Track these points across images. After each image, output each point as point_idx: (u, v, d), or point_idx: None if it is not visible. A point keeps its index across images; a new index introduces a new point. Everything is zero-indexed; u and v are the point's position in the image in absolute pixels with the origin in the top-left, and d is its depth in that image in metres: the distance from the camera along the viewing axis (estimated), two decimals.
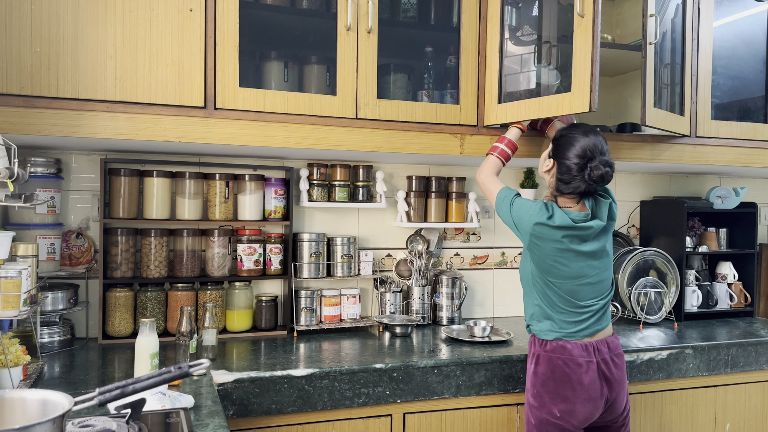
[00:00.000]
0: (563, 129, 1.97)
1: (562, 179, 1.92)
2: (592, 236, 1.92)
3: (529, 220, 1.92)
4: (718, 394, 2.51)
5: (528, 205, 1.95)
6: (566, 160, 1.89)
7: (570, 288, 1.93)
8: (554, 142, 1.96)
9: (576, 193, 1.91)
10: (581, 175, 1.87)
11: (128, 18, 1.94)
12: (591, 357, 1.91)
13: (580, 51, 2.03)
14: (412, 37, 2.52)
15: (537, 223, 1.90)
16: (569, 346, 1.91)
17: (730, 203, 3.04)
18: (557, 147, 1.94)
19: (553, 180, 1.96)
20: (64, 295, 2.21)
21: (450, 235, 2.91)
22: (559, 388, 1.90)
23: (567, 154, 1.89)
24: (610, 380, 1.93)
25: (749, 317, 3.07)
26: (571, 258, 1.91)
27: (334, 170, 2.63)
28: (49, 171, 2.26)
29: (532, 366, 1.98)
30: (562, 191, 1.93)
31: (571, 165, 1.88)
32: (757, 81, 2.88)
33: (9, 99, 1.84)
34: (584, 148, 1.87)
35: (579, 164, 1.87)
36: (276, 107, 2.12)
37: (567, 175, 1.90)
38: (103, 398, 1.23)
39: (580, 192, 1.90)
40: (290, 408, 1.95)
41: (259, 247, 2.50)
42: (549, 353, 1.93)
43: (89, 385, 1.78)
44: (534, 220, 1.90)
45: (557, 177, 1.93)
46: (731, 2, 2.80)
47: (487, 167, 2.16)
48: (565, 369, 1.90)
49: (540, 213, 1.90)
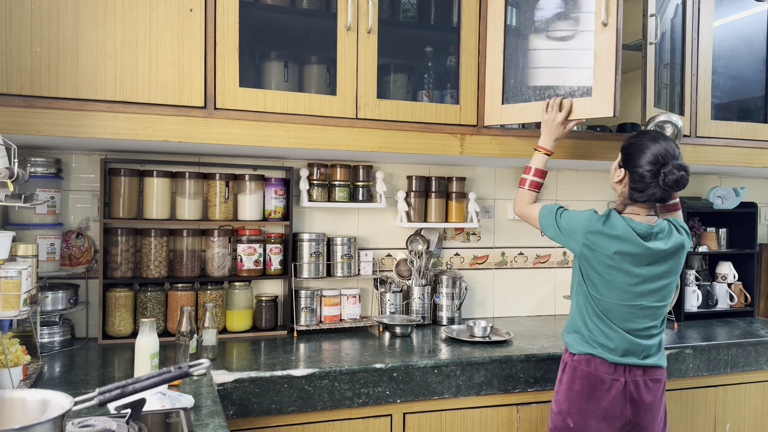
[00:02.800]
0: (631, 137, 1.92)
1: (635, 188, 1.85)
2: (652, 256, 1.84)
3: (581, 228, 1.86)
4: (718, 394, 2.51)
5: (577, 214, 1.90)
6: (638, 168, 1.83)
7: (612, 307, 1.85)
8: (623, 151, 1.91)
9: (651, 201, 1.86)
10: (655, 181, 1.82)
11: (128, 18, 1.94)
12: (619, 376, 1.85)
13: (603, 59, 2.07)
14: (412, 37, 2.52)
15: (590, 231, 1.84)
16: (597, 360, 1.85)
17: (730, 203, 3.04)
18: (627, 156, 1.88)
19: (626, 189, 1.89)
20: (64, 295, 2.21)
21: (450, 235, 2.91)
22: (578, 399, 1.86)
23: (638, 161, 1.84)
24: (637, 403, 1.86)
25: (749, 317, 3.07)
26: (621, 273, 1.83)
27: (334, 170, 2.63)
28: (49, 171, 2.26)
29: (560, 372, 1.96)
30: (637, 199, 1.86)
31: (644, 172, 1.82)
32: (757, 81, 2.88)
33: (9, 99, 1.84)
34: (656, 155, 1.81)
35: (652, 171, 1.81)
36: (276, 107, 2.12)
37: (641, 183, 1.84)
38: (103, 398, 1.23)
39: (656, 199, 1.85)
40: (290, 408, 1.95)
41: (259, 247, 2.49)
42: (575, 363, 1.89)
43: (89, 385, 1.78)
44: (586, 228, 1.85)
45: (630, 186, 1.87)
46: (731, 2, 2.80)
47: (521, 201, 2.11)
48: (586, 382, 1.86)
49: (592, 220, 1.85)
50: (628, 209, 1.90)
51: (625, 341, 1.85)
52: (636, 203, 1.88)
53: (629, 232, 1.82)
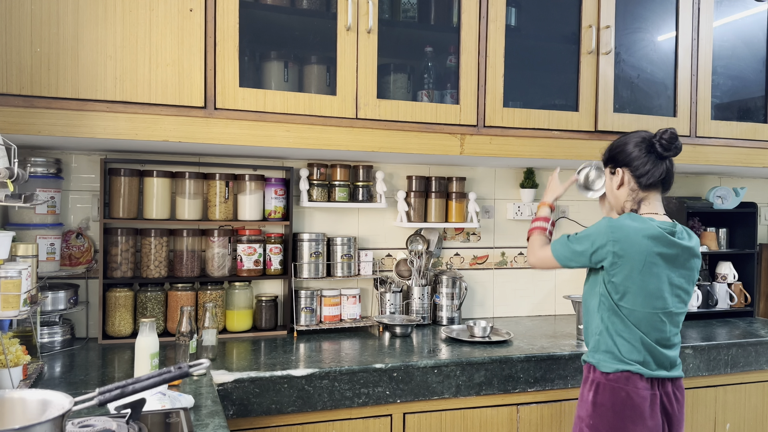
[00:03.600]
0: (608, 150, 1.89)
1: (637, 174, 1.80)
2: (685, 255, 1.78)
3: (603, 238, 1.75)
4: (718, 394, 2.51)
5: (592, 228, 1.79)
6: (631, 155, 1.81)
7: (643, 316, 1.75)
8: (610, 156, 1.87)
9: (659, 181, 1.81)
10: (653, 154, 1.79)
11: (128, 18, 1.94)
12: (655, 391, 1.76)
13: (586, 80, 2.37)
14: (412, 37, 2.52)
15: (615, 237, 1.73)
16: (636, 377, 1.74)
17: (730, 203, 3.04)
18: (615, 156, 1.85)
19: (630, 187, 1.83)
20: (64, 295, 2.21)
21: (450, 235, 2.91)
22: (621, 421, 1.73)
23: (628, 150, 1.82)
24: (671, 416, 1.78)
25: (749, 317, 3.07)
26: (654, 277, 1.74)
27: (334, 170, 2.63)
28: (49, 171, 2.26)
29: (590, 395, 1.79)
30: (644, 184, 1.80)
31: (638, 155, 1.80)
32: (757, 81, 2.89)
33: (9, 99, 1.84)
34: (640, 136, 1.82)
35: (646, 147, 1.80)
36: (276, 107, 2.12)
37: (641, 167, 1.79)
38: (103, 398, 1.23)
39: (663, 178, 1.81)
40: (290, 408, 1.95)
41: (259, 247, 2.49)
42: (612, 382, 1.75)
43: (89, 385, 1.78)
44: (610, 235, 1.74)
45: (635, 178, 1.81)
46: (731, 2, 2.80)
47: (531, 248, 1.98)
48: (629, 401, 1.73)
49: (613, 224, 1.75)
50: (643, 209, 1.84)
51: (656, 353, 1.77)
52: (649, 192, 1.82)
53: (658, 230, 1.74)
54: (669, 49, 2.69)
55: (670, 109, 2.69)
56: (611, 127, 2.56)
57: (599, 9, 2.51)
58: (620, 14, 2.57)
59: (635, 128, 2.59)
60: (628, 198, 1.85)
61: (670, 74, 2.69)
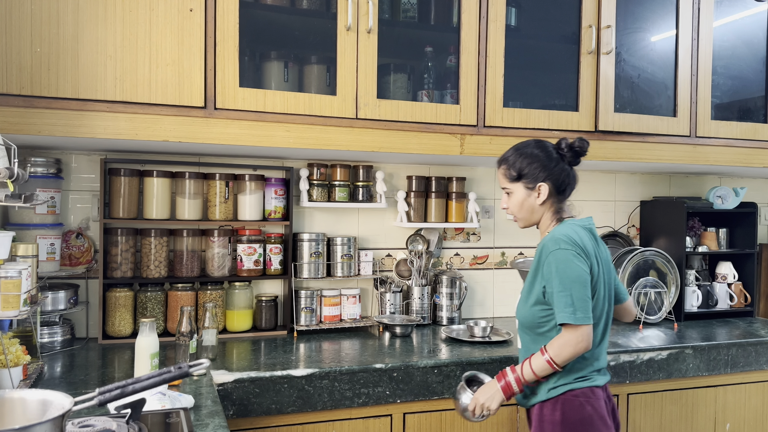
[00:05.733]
0: (520, 158, 1.78)
1: (558, 185, 1.76)
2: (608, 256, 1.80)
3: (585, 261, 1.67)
4: (718, 394, 2.51)
5: (570, 267, 1.65)
6: (549, 167, 1.76)
7: (598, 325, 1.73)
8: (521, 175, 1.77)
9: (574, 185, 1.80)
10: (563, 163, 1.77)
11: (128, 18, 1.94)
12: (608, 398, 1.76)
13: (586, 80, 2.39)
14: (412, 37, 2.52)
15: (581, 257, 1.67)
16: (598, 390, 1.72)
17: (730, 203, 3.04)
18: (529, 173, 1.76)
19: (550, 199, 1.78)
20: (64, 295, 2.21)
21: (450, 235, 2.91)
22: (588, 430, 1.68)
23: (545, 163, 1.75)
24: (617, 420, 1.79)
25: (749, 317, 3.07)
26: (602, 283, 1.73)
27: (334, 170, 2.63)
28: (49, 171, 2.26)
29: (547, 414, 1.71)
30: (567, 194, 1.80)
31: (555, 166, 1.76)
32: (757, 81, 2.89)
33: (9, 99, 1.84)
34: (545, 146, 1.79)
35: (557, 157, 1.77)
36: (276, 107, 2.12)
37: (561, 178, 1.76)
38: (103, 398, 1.23)
39: (574, 178, 1.79)
40: (290, 408, 1.95)
41: (259, 247, 2.49)
42: (574, 397, 1.69)
43: (89, 385, 1.78)
44: (586, 259, 1.68)
45: (555, 189, 1.76)
46: (731, 2, 2.80)
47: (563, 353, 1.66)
48: (595, 413, 1.69)
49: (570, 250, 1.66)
50: (564, 215, 1.80)
51: (604, 359, 1.77)
52: (565, 199, 1.80)
53: (593, 231, 1.76)
54: (669, 48, 2.69)
55: (671, 109, 2.69)
56: (612, 127, 2.56)
57: (599, 9, 2.51)
58: (621, 14, 2.57)
59: (636, 128, 2.60)
60: (548, 210, 1.79)
61: (670, 74, 2.69)
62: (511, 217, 1.86)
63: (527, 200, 1.79)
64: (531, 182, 1.77)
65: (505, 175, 1.82)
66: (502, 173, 1.83)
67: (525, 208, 1.80)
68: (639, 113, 2.62)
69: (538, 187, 1.77)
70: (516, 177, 1.79)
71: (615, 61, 2.56)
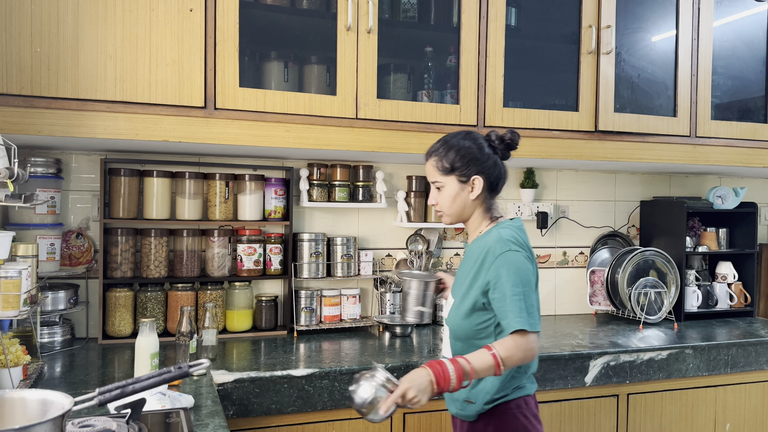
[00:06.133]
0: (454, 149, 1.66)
1: (491, 180, 1.67)
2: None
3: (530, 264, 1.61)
4: (718, 394, 2.51)
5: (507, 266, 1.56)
6: (483, 160, 1.65)
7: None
8: (454, 167, 1.65)
9: (505, 180, 1.71)
10: (497, 156, 1.67)
11: (128, 18, 1.94)
12: (535, 404, 1.69)
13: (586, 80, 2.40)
14: (412, 37, 2.52)
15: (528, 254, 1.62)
16: (532, 397, 1.66)
17: (730, 203, 3.04)
18: (462, 166, 1.64)
19: (483, 194, 1.67)
20: (64, 295, 2.21)
21: (450, 235, 2.91)
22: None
23: (481, 155, 1.65)
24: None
25: (749, 317, 3.07)
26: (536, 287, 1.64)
27: (334, 170, 2.63)
28: (49, 171, 2.26)
29: (480, 428, 1.63)
30: (499, 188, 1.70)
31: (489, 159, 1.66)
32: (757, 81, 2.89)
33: (9, 99, 1.84)
34: (477, 138, 1.67)
35: (489, 149, 1.66)
36: (276, 107, 2.12)
37: (495, 171, 1.66)
38: (103, 398, 1.23)
39: (506, 173, 1.70)
40: (290, 408, 1.95)
41: (259, 247, 2.49)
42: (512, 409, 1.62)
43: (89, 385, 1.78)
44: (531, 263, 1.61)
45: (488, 183, 1.66)
46: (731, 2, 2.80)
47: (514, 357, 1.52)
48: (536, 421, 1.65)
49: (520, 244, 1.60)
50: (493, 213, 1.71)
51: (536, 365, 1.70)
52: (494, 201, 1.71)
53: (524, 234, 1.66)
54: (669, 49, 2.69)
55: (671, 109, 2.69)
56: (612, 127, 2.55)
57: (599, 9, 2.51)
58: (621, 14, 2.57)
59: (636, 128, 2.60)
60: (479, 207, 1.69)
61: (670, 74, 2.69)
62: (439, 214, 1.73)
63: (460, 194, 1.67)
64: (464, 175, 1.65)
65: (436, 168, 1.67)
66: (433, 165, 1.68)
67: (457, 203, 1.68)
68: (639, 113, 2.62)
69: (472, 180, 1.65)
70: (449, 169, 1.66)
71: (615, 61, 2.56)
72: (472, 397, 1.63)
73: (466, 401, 1.64)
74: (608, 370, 2.31)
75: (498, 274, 1.55)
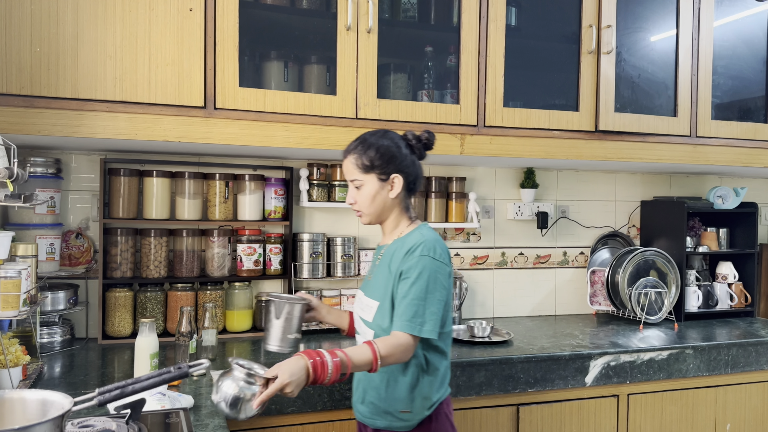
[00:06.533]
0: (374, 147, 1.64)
1: (410, 179, 1.66)
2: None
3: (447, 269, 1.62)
4: (719, 395, 2.51)
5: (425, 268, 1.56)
6: (403, 159, 1.65)
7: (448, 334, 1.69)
8: (374, 165, 1.63)
9: (422, 181, 1.72)
10: (414, 156, 1.68)
11: (128, 18, 1.94)
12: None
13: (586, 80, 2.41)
14: (412, 37, 2.51)
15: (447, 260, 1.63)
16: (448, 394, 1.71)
17: (730, 203, 3.04)
18: (382, 164, 1.63)
19: (401, 194, 1.66)
20: (63, 295, 2.21)
21: (450, 235, 2.91)
22: None
23: (400, 153, 1.65)
24: None
25: (749, 317, 3.07)
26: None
27: (334, 170, 2.63)
28: (49, 171, 2.26)
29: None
30: (417, 188, 1.70)
31: (408, 158, 1.66)
32: (758, 81, 2.88)
33: (9, 99, 1.84)
34: (393, 137, 1.66)
35: (407, 149, 1.66)
36: (276, 107, 2.12)
37: (413, 171, 1.67)
38: (103, 398, 1.23)
39: (422, 174, 1.72)
40: (290, 408, 1.95)
41: (259, 247, 2.49)
42: (439, 407, 1.66)
43: (89, 386, 1.78)
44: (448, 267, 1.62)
45: (406, 183, 1.66)
46: (731, 2, 2.80)
47: (394, 355, 1.52)
48: (451, 417, 1.69)
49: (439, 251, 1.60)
50: (411, 213, 1.72)
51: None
52: (410, 202, 1.71)
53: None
54: (670, 48, 2.69)
55: (671, 108, 2.69)
56: (612, 126, 2.55)
57: (600, 8, 2.51)
58: (621, 14, 2.57)
59: (636, 128, 2.60)
60: (397, 207, 1.68)
61: (670, 74, 2.69)
62: (358, 213, 1.70)
63: (380, 193, 1.65)
64: (384, 173, 1.63)
65: (355, 165, 1.65)
66: (352, 163, 1.65)
67: (376, 203, 1.65)
68: (639, 113, 2.62)
69: (391, 179, 1.64)
70: (368, 167, 1.63)
71: (615, 61, 2.55)
72: (408, 407, 1.62)
73: (402, 412, 1.62)
74: (608, 370, 2.31)
75: (411, 271, 1.55)
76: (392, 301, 1.61)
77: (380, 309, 1.63)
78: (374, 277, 1.70)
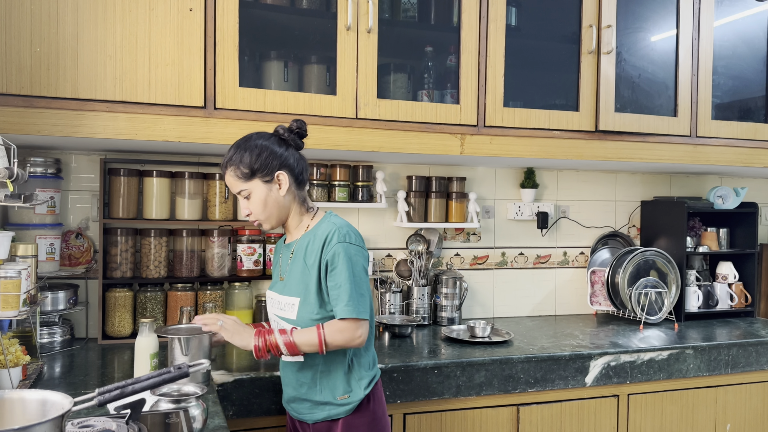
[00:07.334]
0: (248, 153, 1.64)
1: (296, 173, 1.68)
2: None
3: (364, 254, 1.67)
4: (719, 395, 2.51)
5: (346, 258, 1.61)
6: (282, 155, 1.66)
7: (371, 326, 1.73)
8: (254, 170, 1.63)
9: (308, 170, 1.74)
10: (289, 145, 1.69)
11: (128, 18, 1.94)
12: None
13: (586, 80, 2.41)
14: (412, 36, 2.51)
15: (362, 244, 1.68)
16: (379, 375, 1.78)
17: (730, 203, 3.04)
18: (262, 166, 1.63)
19: (292, 189, 1.68)
20: (63, 295, 2.21)
21: (450, 236, 2.91)
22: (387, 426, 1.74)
23: (276, 151, 1.65)
24: None
25: (750, 317, 3.07)
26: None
27: (334, 170, 2.63)
28: (49, 171, 2.26)
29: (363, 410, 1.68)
30: (305, 179, 1.71)
31: (287, 153, 1.67)
32: (758, 81, 2.88)
33: (9, 99, 1.84)
34: (264, 136, 1.68)
35: (281, 144, 1.68)
36: (276, 107, 2.12)
37: (296, 164, 1.68)
38: (103, 398, 1.22)
39: (307, 163, 1.73)
40: None
41: (259, 247, 2.49)
42: (375, 387, 1.74)
43: (89, 386, 1.78)
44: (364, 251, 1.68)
45: (293, 177, 1.67)
46: (731, 2, 2.80)
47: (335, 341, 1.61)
48: (383, 397, 1.77)
49: (353, 237, 1.65)
50: (311, 205, 1.76)
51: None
52: (305, 194, 1.73)
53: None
54: (670, 48, 2.68)
55: (671, 108, 2.69)
56: (612, 126, 2.55)
57: (600, 8, 2.51)
58: (621, 14, 2.57)
59: (636, 128, 2.60)
60: (294, 202, 1.70)
61: (670, 74, 2.69)
62: (256, 223, 1.69)
63: (270, 195, 1.65)
64: (267, 174, 1.64)
65: (237, 176, 1.64)
66: (232, 175, 1.65)
67: (270, 205, 1.66)
68: (639, 113, 2.62)
69: (276, 177, 1.64)
70: (250, 174, 1.63)
71: (615, 61, 2.55)
72: (345, 391, 1.68)
73: (341, 398, 1.67)
74: (609, 370, 2.31)
75: (335, 262, 1.60)
76: (317, 293, 1.63)
77: (303, 303, 1.65)
78: (288, 274, 1.71)
